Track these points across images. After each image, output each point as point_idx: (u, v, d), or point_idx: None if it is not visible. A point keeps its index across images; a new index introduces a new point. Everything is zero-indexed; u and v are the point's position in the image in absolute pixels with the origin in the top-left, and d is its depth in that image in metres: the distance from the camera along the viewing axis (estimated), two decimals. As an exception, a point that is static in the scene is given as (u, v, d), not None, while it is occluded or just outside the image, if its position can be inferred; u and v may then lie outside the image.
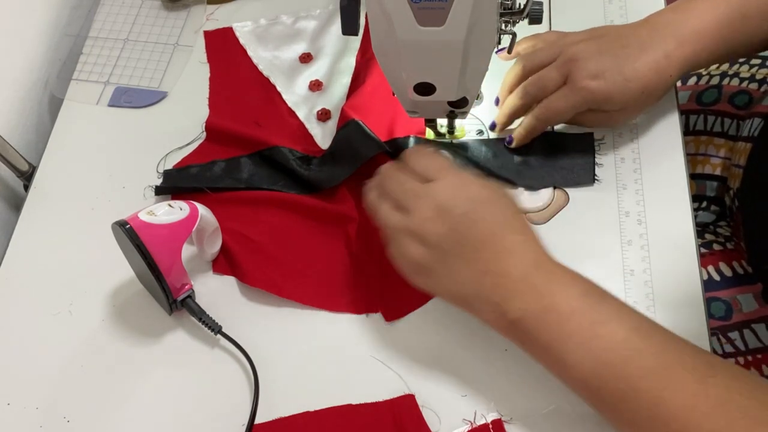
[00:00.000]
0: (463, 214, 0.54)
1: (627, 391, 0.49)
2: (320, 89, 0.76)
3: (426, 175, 0.57)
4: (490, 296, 0.53)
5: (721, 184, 0.78)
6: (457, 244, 0.54)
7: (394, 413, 0.58)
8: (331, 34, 0.80)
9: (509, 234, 0.54)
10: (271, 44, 0.80)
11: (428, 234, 0.54)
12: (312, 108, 0.75)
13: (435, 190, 0.55)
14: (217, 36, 0.81)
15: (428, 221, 0.54)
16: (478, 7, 0.52)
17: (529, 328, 0.52)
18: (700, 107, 0.81)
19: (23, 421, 0.61)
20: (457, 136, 0.71)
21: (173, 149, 0.73)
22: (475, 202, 0.55)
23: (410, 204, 0.56)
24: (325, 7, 0.82)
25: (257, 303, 0.65)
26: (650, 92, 0.64)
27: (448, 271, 0.54)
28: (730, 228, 0.76)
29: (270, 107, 0.75)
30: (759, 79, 0.79)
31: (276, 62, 0.79)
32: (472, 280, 0.54)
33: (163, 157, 0.73)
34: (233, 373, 0.62)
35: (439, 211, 0.54)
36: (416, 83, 0.59)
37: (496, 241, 0.54)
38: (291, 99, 0.76)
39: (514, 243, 0.54)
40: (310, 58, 0.78)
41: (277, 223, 0.68)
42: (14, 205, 0.78)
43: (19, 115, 0.80)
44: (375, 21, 0.54)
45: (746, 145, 0.72)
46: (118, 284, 0.67)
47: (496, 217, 0.54)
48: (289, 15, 0.81)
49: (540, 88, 0.66)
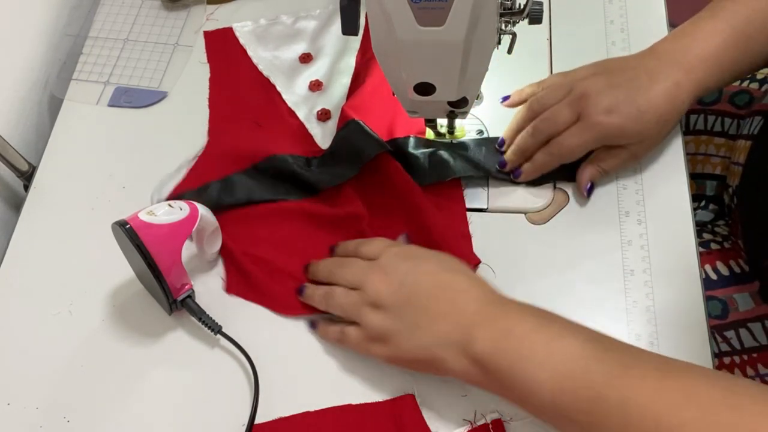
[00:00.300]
0: (407, 270, 0.58)
1: (593, 399, 0.48)
2: (320, 89, 0.76)
3: (370, 255, 0.61)
4: (450, 338, 0.54)
5: (721, 183, 0.78)
6: (411, 297, 0.56)
7: (394, 413, 0.58)
8: (331, 34, 0.80)
9: (456, 276, 0.57)
10: (271, 44, 0.80)
11: (382, 297, 0.57)
12: (312, 108, 0.75)
13: (380, 261, 0.59)
14: (217, 36, 0.81)
15: (380, 285, 0.58)
16: (478, 7, 0.52)
17: (491, 358, 0.52)
18: (701, 107, 0.81)
19: (23, 421, 0.61)
20: (457, 136, 0.71)
21: (166, 175, 0.71)
22: (416, 258, 0.59)
23: (360, 279, 0.59)
24: (325, 7, 0.82)
25: (257, 303, 0.65)
26: (665, 121, 0.64)
27: (407, 326, 0.56)
28: (728, 227, 0.76)
29: (270, 107, 0.75)
30: (759, 79, 0.79)
31: (276, 62, 0.79)
32: (431, 329, 0.55)
33: (156, 188, 0.71)
34: (233, 373, 0.62)
35: (386, 275, 0.58)
36: (416, 83, 0.59)
37: (445, 286, 0.56)
38: (291, 99, 0.76)
39: (462, 283, 0.57)
40: (310, 58, 0.78)
41: (287, 235, 0.67)
42: (14, 205, 0.78)
43: (19, 115, 0.80)
44: (375, 21, 0.54)
45: (746, 143, 0.72)
46: (118, 284, 0.67)
47: (439, 266, 0.58)
48: (289, 15, 0.81)
49: (551, 125, 0.65)
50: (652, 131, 0.64)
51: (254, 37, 0.81)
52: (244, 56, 0.79)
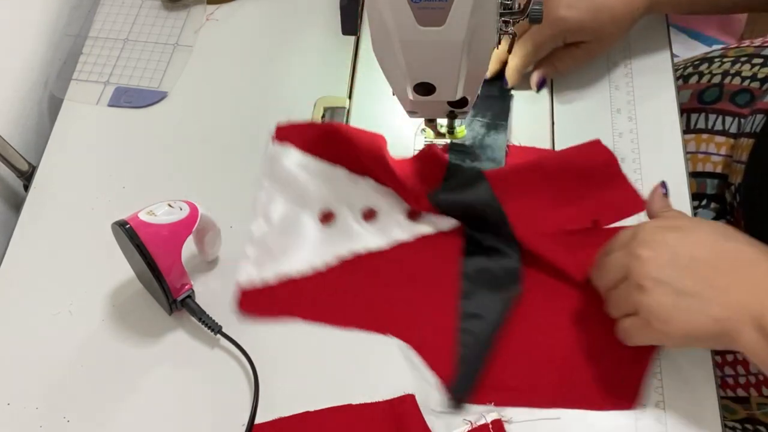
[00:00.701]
0: (675, 241, 0.53)
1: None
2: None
3: (623, 242, 0.56)
4: (745, 310, 0.50)
5: (722, 181, 0.78)
6: (688, 268, 0.51)
7: (394, 413, 0.58)
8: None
9: (739, 245, 0.53)
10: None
11: (653, 274, 0.52)
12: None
13: (638, 239, 0.54)
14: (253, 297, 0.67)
15: (647, 263, 0.53)
16: (478, 7, 0.51)
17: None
18: (702, 106, 0.81)
19: (23, 421, 0.61)
20: (457, 136, 0.71)
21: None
22: (682, 228, 0.54)
23: (625, 266, 0.54)
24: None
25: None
26: (619, 20, 0.69)
27: (690, 299, 0.51)
28: (730, 225, 0.76)
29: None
30: (761, 78, 0.79)
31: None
32: (720, 299, 0.51)
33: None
34: (233, 373, 0.62)
35: (653, 250, 0.53)
36: (416, 83, 0.59)
37: (728, 255, 0.52)
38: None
39: (749, 253, 0.52)
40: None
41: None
42: (14, 205, 0.78)
43: (19, 115, 0.80)
44: (375, 21, 0.54)
45: (748, 141, 0.72)
46: (118, 284, 0.67)
47: (713, 234, 0.53)
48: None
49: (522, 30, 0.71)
50: (607, 29, 0.69)
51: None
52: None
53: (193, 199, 0.63)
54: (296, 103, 0.76)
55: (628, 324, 0.55)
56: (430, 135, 0.72)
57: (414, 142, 0.73)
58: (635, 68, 0.75)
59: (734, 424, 0.72)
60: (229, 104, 0.77)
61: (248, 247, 0.67)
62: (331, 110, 0.76)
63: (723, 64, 0.82)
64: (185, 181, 0.72)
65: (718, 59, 0.84)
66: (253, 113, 0.76)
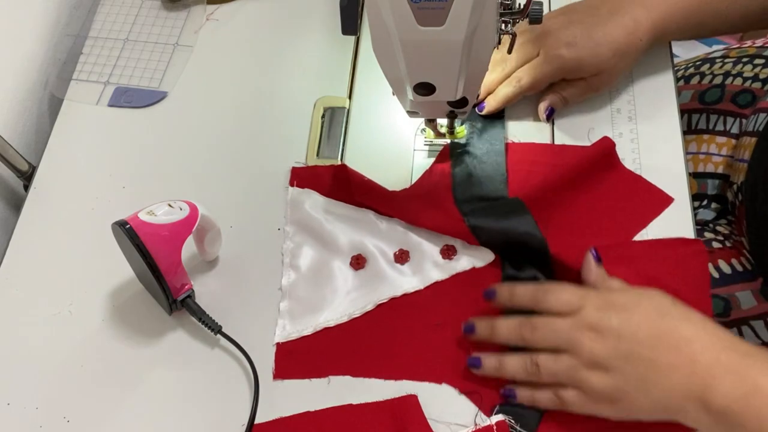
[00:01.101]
0: (620, 323, 0.53)
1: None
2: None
3: (563, 309, 0.56)
4: (688, 391, 0.51)
5: (723, 181, 0.78)
6: (634, 349, 0.52)
7: (395, 413, 0.58)
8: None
9: (678, 323, 0.52)
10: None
11: (600, 357, 0.53)
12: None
13: (583, 318, 0.54)
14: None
15: (594, 344, 0.53)
16: (478, 7, 0.51)
17: (736, 415, 0.49)
18: (703, 106, 0.81)
19: (23, 421, 0.61)
20: (457, 136, 0.71)
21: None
22: (624, 308, 0.54)
23: (567, 341, 0.54)
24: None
25: (257, 303, 0.65)
26: (621, 55, 0.66)
27: (635, 384, 0.52)
28: (731, 225, 0.76)
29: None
30: (762, 78, 0.79)
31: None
32: (663, 384, 0.51)
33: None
34: (233, 373, 0.62)
35: (598, 332, 0.53)
36: (416, 83, 0.58)
37: (669, 334, 0.52)
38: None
39: (687, 331, 0.52)
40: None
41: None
42: (14, 205, 0.78)
43: (19, 115, 0.80)
44: (375, 21, 0.54)
45: (751, 140, 0.72)
46: (118, 284, 0.67)
47: (653, 312, 0.53)
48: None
49: (518, 61, 0.69)
50: (608, 63, 0.67)
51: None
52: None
53: (193, 199, 0.62)
54: (296, 103, 0.76)
55: (571, 396, 0.55)
56: (430, 135, 0.72)
57: (414, 142, 0.73)
58: (635, 68, 0.75)
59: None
60: (229, 104, 0.77)
61: (281, 302, 0.64)
62: (331, 110, 0.76)
63: (725, 64, 0.82)
64: (185, 181, 0.72)
65: (719, 60, 0.84)
66: (253, 113, 0.76)
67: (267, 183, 0.71)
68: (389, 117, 0.74)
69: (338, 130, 0.74)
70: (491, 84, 0.70)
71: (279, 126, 0.75)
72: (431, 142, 0.72)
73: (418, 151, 0.72)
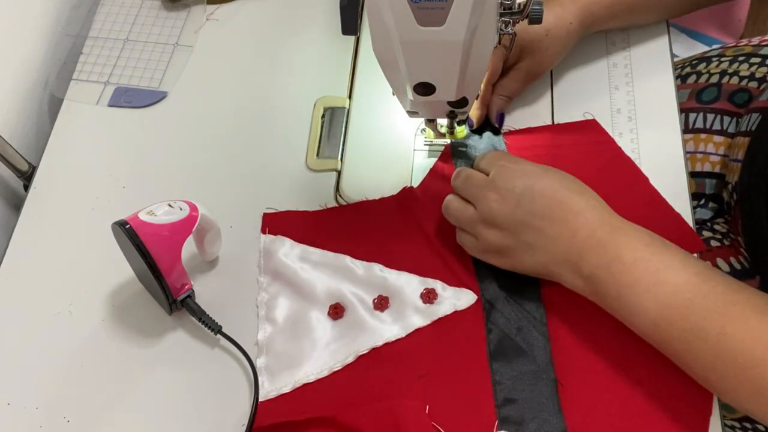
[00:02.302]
0: (523, 189, 0.58)
1: (692, 331, 0.52)
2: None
3: (485, 170, 0.62)
4: (565, 258, 0.57)
5: (720, 181, 0.78)
6: (526, 218, 0.58)
7: (397, 413, 0.58)
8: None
9: (572, 196, 0.58)
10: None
11: (498, 216, 0.59)
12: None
13: (494, 180, 0.60)
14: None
15: (495, 204, 0.59)
16: (478, 7, 0.51)
17: (601, 281, 0.56)
18: (700, 105, 0.81)
19: (23, 421, 0.61)
20: (457, 136, 0.71)
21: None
22: (530, 176, 0.59)
23: (475, 195, 0.61)
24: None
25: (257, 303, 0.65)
26: (552, 37, 0.70)
27: (523, 245, 0.59)
28: (728, 224, 0.76)
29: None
30: (759, 78, 0.79)
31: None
32: (545, 250, 0.58)
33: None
34: (233, 373, 0.62)
35: (502, 194, 0.59)
36: (416, 83, 0.59)
37: (561, 206, 0.58)
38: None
39: (578, 204, 0.58)
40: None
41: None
42: (14, 205, 0.78)
43: (19, 115, 0.80)
44: (375, 21, 0.54)
45: (744, 140, 0.72)
46: (118, 284, 0.67)
47: (554, 185, 0.59)
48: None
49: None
50: (541, 43, 0.70)
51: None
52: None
53: (193, 199, 0.63)
54: (296, 103, 0.76)
55: (469, 242, 0.62)
56: (430, 135, 0.72)
57: (414, 142, 0.73)
58: (635, 68, 0.75)
59: (733, 423, 0.72)
60: (229, 104, 0.77)
61: (258, 357, 0.62)
62: (331, 110, 0.76)
63: (721, 63, 0.82)
64: (185, 181, 0.72)
65: (715, 58, 0.84)
66: (253, 113, 0.76)
67: (267, 183, 0.72)
68: (389, 117, 0.74)
69: (338, 130, 0.75)
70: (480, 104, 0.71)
71: (279, 126, 0.75)
72: (431, 142, 0.72)
73: (418, 151, 0.72)
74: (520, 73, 0.71)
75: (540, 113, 0.73)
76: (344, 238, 0.67)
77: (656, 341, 0.55)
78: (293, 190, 0.71)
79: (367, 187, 0.70)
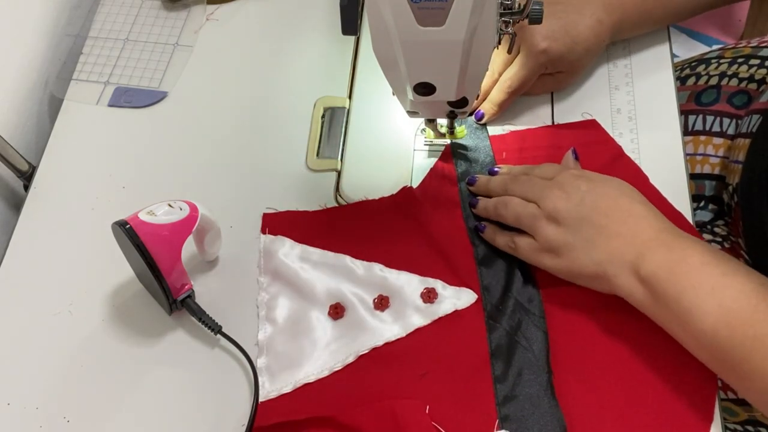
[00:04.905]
0: (587, 189, 0.60)
1: (755, 338, 0.51)
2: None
3: (545, 176, 0.63)
4: (623, 256, 0.57)
5: (720, 182, 0.78)
6: (590, 214, 0.58)
7: (397, 413, 0.58)
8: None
9: (634, 203, 0.59)
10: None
11: (560, 212, 0.59)
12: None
13: (558, 179, 0.61)
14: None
15: (558, 201, 0.60)
16: (478, 7, 0.52)
17: (661, 281, 0.55)
18: (699, 107, 0.81)
19: (23, 421, 0.61)
20: (457, 136, 0.72)
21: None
22: (595, 181, 0.61)
23: (539, 192, 0.61)
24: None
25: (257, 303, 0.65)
26: (592, 54, 0.71)
27: (582, 242, 0.58)
28: (728, 226, 0.76)
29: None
30: (758, 79, 0.79)
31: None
32: (605, 247, 0.58)
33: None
34: (233, 373, 0.62)
35: (566, 192, 0.60)
36: (416, 83, 0.59)
37: (623, 209, 0.59)
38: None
39: (640, 210, 0.59)
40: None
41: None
42: (14, 205, 0.78)
43: (19, 115, 0.80)
44: (375, 21, 0.54)
45: (745, 142, 0.72)
46: (118, 284, 0.67)
47: (617, 191, 0.60)
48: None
49: (502, 61, 0.71)
50: (582, 62, 0.71)
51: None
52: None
53: (193, 199, 0.63)
54: (296, 103, 0.76)
55: (524, 243, 0.62)
56: (430, 135, 0.72)
57: (414, 142, 0.73)
58: (635, 68, 0.75)
59: (735, 426, 0.72)
60: (229, 104, 0.77)
61: (259, 358, 0.62)
62: (331, 110, 0.76)
63: (720, 65, 0.82)
64: (185, 181, 0.72)
65: (715, 60, 0.84)
66: (253, 113, 0.77)
67: (267, 183, 0.72)
68: (389, 117, 0.74)
69: (338, 130, 0.75)
70: (483, 90, 0.71)
71: (279, 126, 0.75)
72: (431, 142, 0.72)
73: (418, 151, 0.73)
74: (554, 81, 0.72)
75: (540, 113, 0.74)
76: (344, 238, 0.67)
77: (712, 348, 0.53)
78: (293, 190, 0.71)
79: (367, 187, 0.70)
